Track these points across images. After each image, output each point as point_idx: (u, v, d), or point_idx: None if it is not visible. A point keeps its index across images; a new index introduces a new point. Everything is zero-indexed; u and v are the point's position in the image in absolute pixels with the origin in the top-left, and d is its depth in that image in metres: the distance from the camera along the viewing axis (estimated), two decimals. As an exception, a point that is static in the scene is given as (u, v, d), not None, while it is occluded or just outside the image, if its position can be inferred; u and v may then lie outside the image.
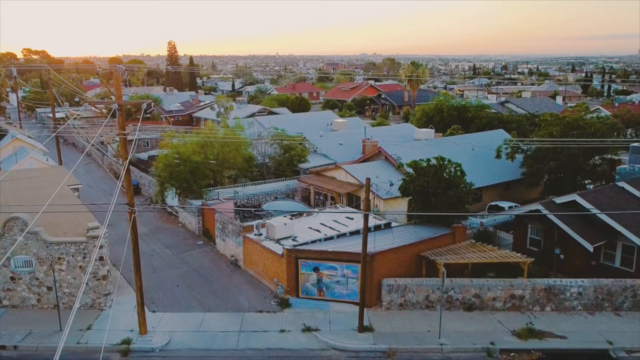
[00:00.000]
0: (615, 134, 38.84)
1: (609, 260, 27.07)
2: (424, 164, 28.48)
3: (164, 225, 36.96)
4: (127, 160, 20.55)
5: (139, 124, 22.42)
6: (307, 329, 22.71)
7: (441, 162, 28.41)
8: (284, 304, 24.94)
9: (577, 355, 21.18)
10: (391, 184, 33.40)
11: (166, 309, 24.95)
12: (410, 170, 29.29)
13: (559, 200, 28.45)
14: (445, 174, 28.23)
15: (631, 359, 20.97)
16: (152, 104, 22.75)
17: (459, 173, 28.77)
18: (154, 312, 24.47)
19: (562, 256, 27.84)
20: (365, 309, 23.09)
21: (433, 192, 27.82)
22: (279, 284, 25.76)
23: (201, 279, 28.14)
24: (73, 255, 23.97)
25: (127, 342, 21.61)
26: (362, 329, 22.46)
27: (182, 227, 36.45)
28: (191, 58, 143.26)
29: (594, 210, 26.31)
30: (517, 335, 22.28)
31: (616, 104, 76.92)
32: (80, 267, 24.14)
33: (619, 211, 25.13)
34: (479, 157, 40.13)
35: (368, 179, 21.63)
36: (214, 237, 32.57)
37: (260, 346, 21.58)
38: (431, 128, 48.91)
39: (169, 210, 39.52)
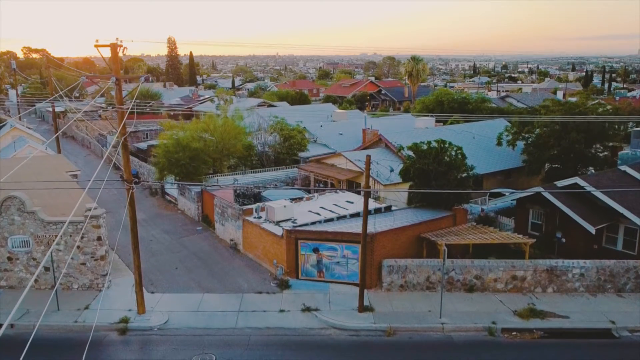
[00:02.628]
0: (617, 122, 38.61)
1: (611, 243, 26.86)
2: (425, 147, 28.26)
3: (163, 212, 36.77)
4: (125, 136, 20.35)
5: (135, 97, 22.23)
6: (307, 309, 22.50)
7: (442, 145, 28.20)
8: (284, 285, 24.74)
9: (579, 335, 20.95)
10: (391, 170, 33.23)
11: (165, 290, 24.75)
12: (410, 153, 29.08)
13: (561, 183, 28.27)
14: (446, 157, 28.02)
15: (634, 337, 20.76)
16: (150, 77, 22.55)
17: (459, 156, 28.56)
18: (152, 293, 24.26)
19: (563, 240, 27.65)
20: (365, 290, 22.87)
21: (434, 175, 27.60)
22: (278, 266, 25.56)
23: (200, 262, 27.94)
24: (71, 235, 23.76)
25: (125, 320, 21.39)
26: (362, 308, 22.24)
27: (181, 214, 36.25)
28: (191, 53, 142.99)
29: (596, 192, 26.10)
30: (518, 315, 22.05)
31: (617, 98, 76.77)
32: (78, 247, 23.94)
33: (619, 189, 24.95)
34: (480, 145, 39.95)
35: (368, 156, 21.42)
36: (213, 223, 32.37)
37: (259, 325, 21.37)
38: (432, 116, 48.71)
39: (168, 198, 39.33)
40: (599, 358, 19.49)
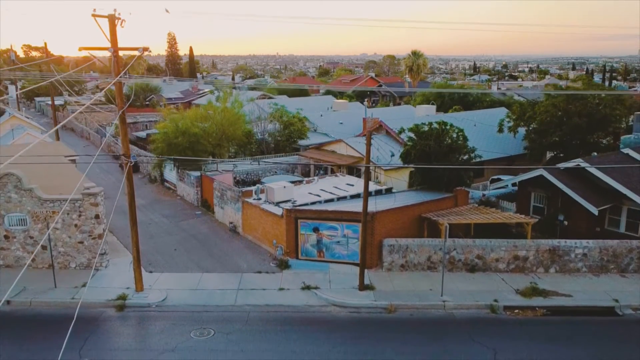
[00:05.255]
0: (618, 111, 38.27)
1: (614, 225, 26.64)
2: (426, 128, 28.04)
3: (162, 198, 36.53)
4: (123, 109, 20.12)
5: (128, 69, 21.98)
6: (307, 287, 22.26)
7: (443, 127, 27.97)
8: (283, 265, 24.50)
9: (582, 312, 20.71)
10: (392, 155, 33.01)
11: (163, 270, 24.51)
12: (411, 134, 28.84)
13: (563, 165, 28.06)
14: (447, 139, 27.79)
15: (638, 315, 20.53)
16: (149, 49, 22.04)
17: (461, 139, 28.34)
18: (150, 272, 24.02)
19: (565, 222, 27.41)
20: (366, 270, 22.62)
21: (435, 156, 27.37)
22: (278, 246, 25.31)
23: (199, 244, 27.70)
24: (68, 213, 23.51)
25: (122, 297, 21.13)
26: (363, 287, 22.00)
27: (181, 199, 36.00)
28: (191, 49, 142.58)
29: (599, 174, 25.87)
30: (521, 293, 21.83)
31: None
32: (76, 225, 23.70)
33: (622, 165, 24.74)
34: (481, 132, 39.69)
35: (369, 133, 21.20)
36: (213, 207, 32.13)
37: (258, 302, 21.13)
38: (432, 104, 48.49)
39: (167, 184, 39.09)
40: (602, 334, 19.23)
